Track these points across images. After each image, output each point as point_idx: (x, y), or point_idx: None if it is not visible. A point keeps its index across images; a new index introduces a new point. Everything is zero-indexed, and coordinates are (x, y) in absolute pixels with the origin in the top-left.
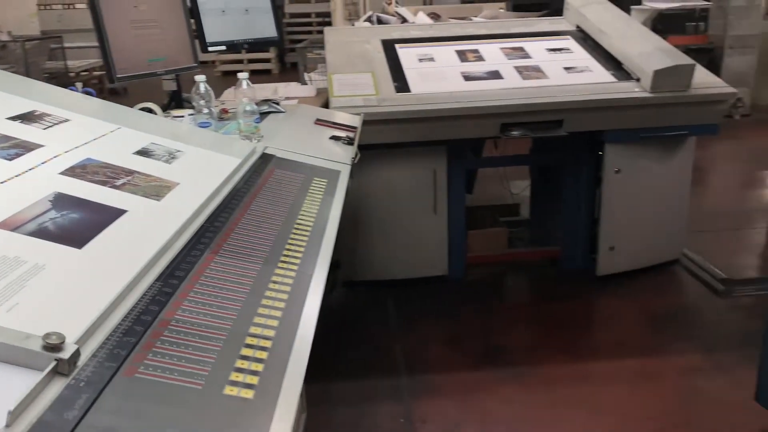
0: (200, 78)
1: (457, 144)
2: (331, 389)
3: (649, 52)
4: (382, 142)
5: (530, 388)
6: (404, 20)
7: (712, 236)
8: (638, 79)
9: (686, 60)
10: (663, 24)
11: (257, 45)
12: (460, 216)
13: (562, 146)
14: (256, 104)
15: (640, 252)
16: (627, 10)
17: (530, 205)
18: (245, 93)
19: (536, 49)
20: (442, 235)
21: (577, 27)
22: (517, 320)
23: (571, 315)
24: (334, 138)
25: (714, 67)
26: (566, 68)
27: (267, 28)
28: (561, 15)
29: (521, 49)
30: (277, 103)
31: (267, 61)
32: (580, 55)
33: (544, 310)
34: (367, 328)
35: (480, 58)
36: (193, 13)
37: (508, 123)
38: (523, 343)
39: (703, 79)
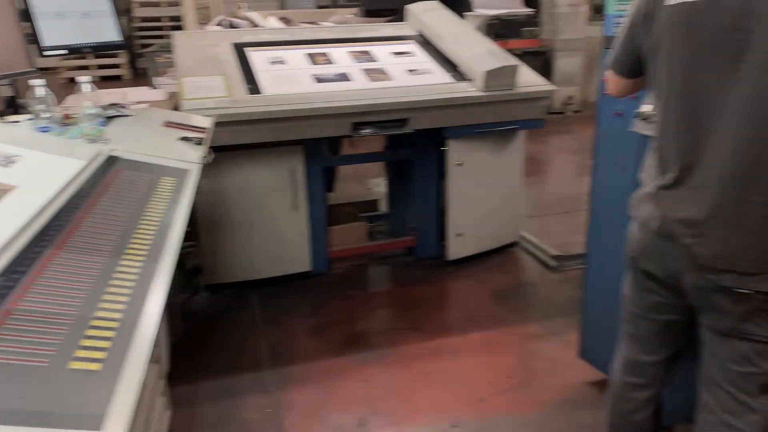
0: (36, 82)
1: (313, 143)
2: (197, 389)
3: (480, 55)
4: (239, 143)
5: (389, 367)
6: (255, 25)
7: (547, 219)
8: (472, 80)
9: (512, 61)
10: (503, 29)
11: (101, 49)
12: (321, 213)
13: (411, 143)
14: (102, 108)
15: (484, 237)
16: (462, 16)
17: (388, 200)
18: (87, 96)
19: (382, 52)
20: (304, 231)
21: (419, 32)
22: (377, 306)
23: (425, 297)
24: (184, 139)
25: (548, 68)
26: (409, 70)
27: (110, 32)
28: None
29: (368, 52)
30: (124, 107)
31: (117, 66)
32: (421, 59)
33: (401, 295)
34: (233, 329)
35: (329, 61)
36: (27, 15)
37: (359, 122)
38: (382, 326)
39: (528, 79)
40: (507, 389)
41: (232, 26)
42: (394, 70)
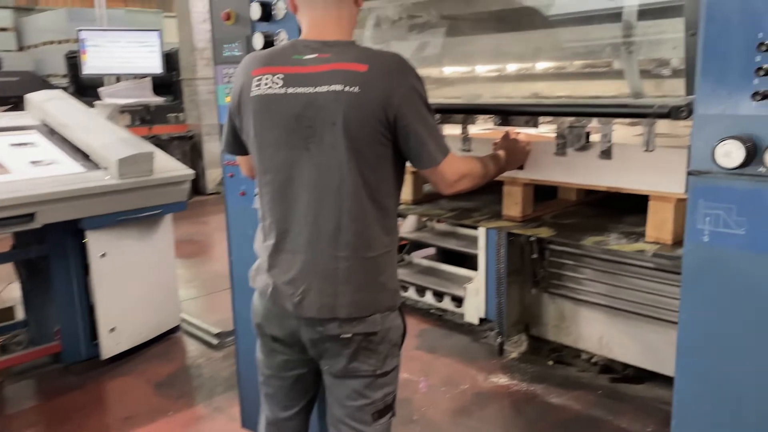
0: None
1: None
2: None
3: (112, 143)
4: None
5: None
6: None
7: (212, 297)
8: (106, 168)
9: (146, 148)
10: (149, 115)
11: None
12: None
13: (44, 238)
14: None
15: (141, 327)
16: (92, 105)
17: (24, 305)
18: None
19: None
20: None
21: (42, 122)
22: (23, 428)
23: (78, 406)
24: None
25: (197, 151)
26: (33, 162)
27: None
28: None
29: None
30: None
31: None
32: (46, 149)
33: (49, 410)
34: None
35: None
36: None
37: None
38: None
39: (167, 165)
40: None
41: None
42: (14, 163)
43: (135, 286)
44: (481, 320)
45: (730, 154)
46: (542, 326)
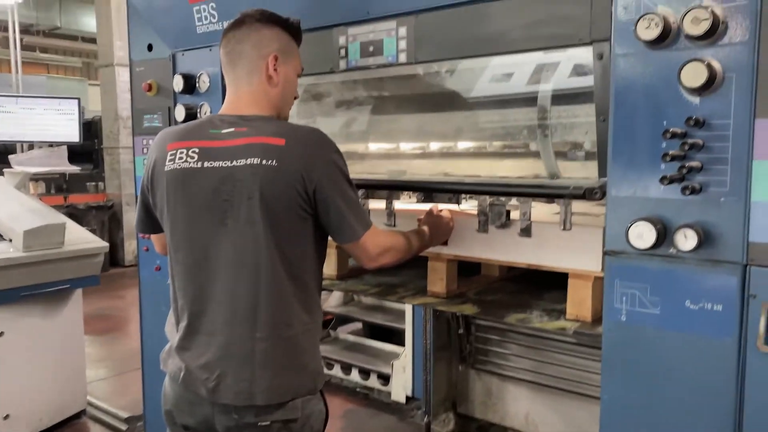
0: None
1: None
2: None
3: (18, 214)
4: None
5: None
6: None
7: (121, 378)
8: (10, 240)
9: (57, 219)
10: (65, 184)
11: None
12: None
13: None
14: None
15: (42, 413)
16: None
17: None
18: None
19: None
20: None
21: None
22: None
23: None
24: None
25: (117, 221)
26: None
27: None
28: None
29: None
30: None
31: None
32: None
33: None
34: None
35: None
36: None
37: None
38: None
39: (80, 236)
40: None
41: None
42: None
43: (36, 368)
44: (408, 398)
45: (642, 235)
46: (469, 403)
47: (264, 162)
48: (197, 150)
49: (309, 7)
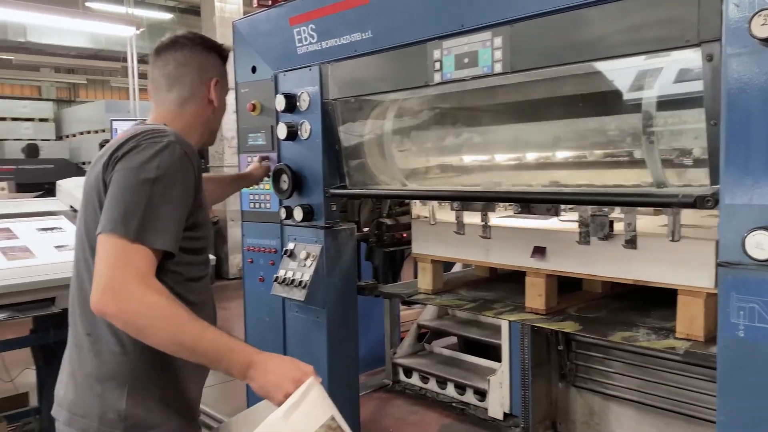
0: None
1: None
2: None
3: None
4: None
5: None
6: None
7: (226, 386)
8: None
9: None
10: None
11: None
12: None
13: (63, 323)
14: None
15: None
16: None
17: (37, 392)
18: None
19: (25, 229)
20: None
21: (71, 207)
22: None
23: None
24: None
25: (222, 236)
26: (57, 246)
27: None
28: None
29: (8, 229)
30: None
31: None
32: (72, 234)
33: None
34: None
35: None
36: None
37: None
38: None
39: None
40: None
41: None
42: (39, 247)
43: None
44: (506, 415)
45: (761, 245)
46: (570, 422)
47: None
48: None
49: (402, 24)
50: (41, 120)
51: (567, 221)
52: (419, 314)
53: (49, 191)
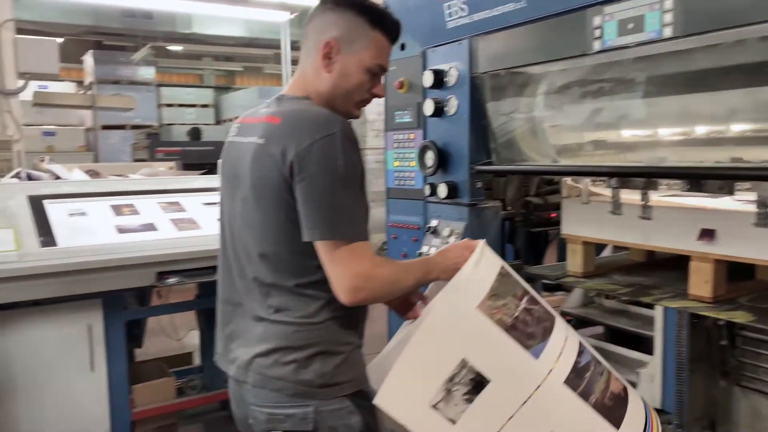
0: None
1: (114, 296)
2: None
3: None
4: (27, 300)
5: None
6: (57, 177)
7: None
8: None
9: None
10: None
11: None
12: (122, 371)
13: None
14: None
15: None
16: None
17: (200, 352)
18: None
19: (192, 203)
20: (102, 393)
21: None
22: None
23: None
24: None
25: None
26: (219, 219)
27: None
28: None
29: (177, 203)
30: None
31: None
32: None
33: None
34: None
35: (135, 212)
36: None
37: (164, 272)
38: None
39: None
40: None
41: (30, 178)
42: (204, 220)
43: None
44: (658, 411)
45: None
46: (732, 425)
47: (257, 140)
48: (239, 125)
49: None
50: (202, 106)
51: (742, 201)
52: (562, 301)
53: (210, 171)
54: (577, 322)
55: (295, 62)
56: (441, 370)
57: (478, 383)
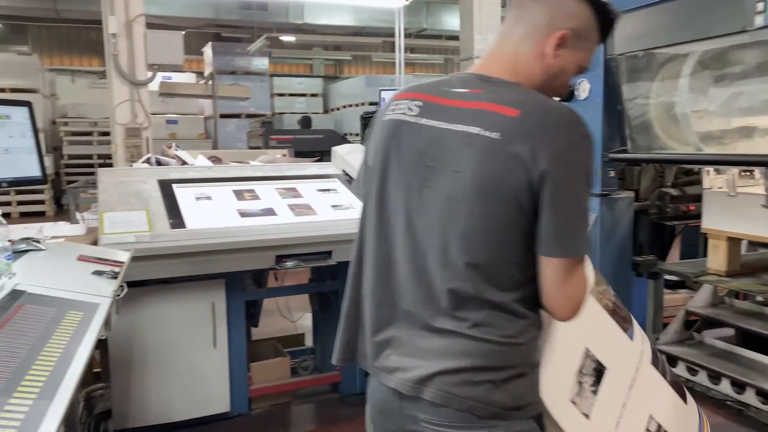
0: None
1: (236, 277)
2: None
3: None
4: (158, 278)
5: None
6: (184, 163)
7: None
8: None
9: None
10: None
11: (18, 184)
12: (242, 349)
13: (336, 275)
14: (12, 242)
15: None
16: None
17: (312, 334)
18: None
19: (307, 189)
20: (223, 369)
21: (343, 171)
22: None
23: None
24: (97, 273)
25: None
26: (333, 206)
27: (31, 168)
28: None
29: (294, 189)
30: (38, 241)
31: (41, 203)
32: (345, 195)
33: None
34: None
35: (256, 197)
36: None
37: (282, 255)
38: None
39: None
40: None
41: (159, 164)
42: (319, 206)
43: None
44: None
45: None
46: None
47: (485, 133)
48: (420, 103)
49: None
50: (312, 95)
51: None
52: (687, 300)
53: (321, 158)
54: (704, 323)
55: (409, 50)
56: (572, 362)
57: (599, 372)
